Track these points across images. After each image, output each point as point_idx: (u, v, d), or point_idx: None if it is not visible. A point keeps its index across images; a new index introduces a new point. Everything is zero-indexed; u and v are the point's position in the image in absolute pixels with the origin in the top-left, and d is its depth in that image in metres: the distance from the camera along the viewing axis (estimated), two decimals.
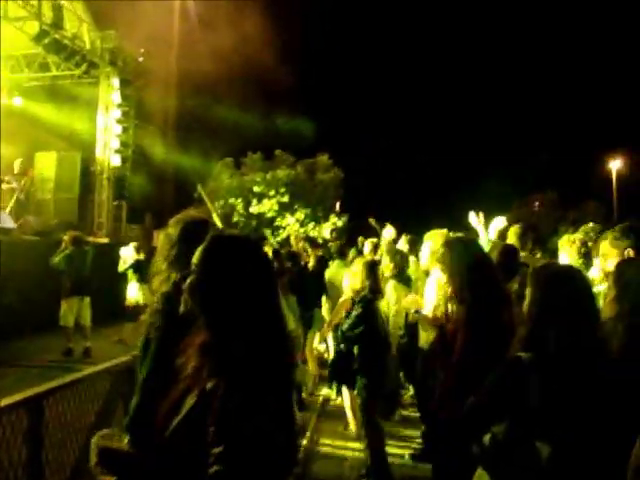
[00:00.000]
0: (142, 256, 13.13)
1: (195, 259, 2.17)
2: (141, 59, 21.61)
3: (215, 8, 25.36)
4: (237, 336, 2.04)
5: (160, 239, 2.96)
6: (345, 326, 6.18)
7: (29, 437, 3.55)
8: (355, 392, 6.11)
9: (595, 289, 3.48)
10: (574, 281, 2.79)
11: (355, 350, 5.99)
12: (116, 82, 20.40)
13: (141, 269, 12.76)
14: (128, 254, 13.42)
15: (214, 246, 2.19)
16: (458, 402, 3.18)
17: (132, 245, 13.60)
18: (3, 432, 3.37)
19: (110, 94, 20.38)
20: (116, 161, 20.70)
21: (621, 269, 2.89)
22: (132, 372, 4.32)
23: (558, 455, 2.51)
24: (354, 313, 6.05)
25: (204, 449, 1.90)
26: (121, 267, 13.30)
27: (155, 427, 2.11)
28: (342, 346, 6.31)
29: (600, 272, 4.27)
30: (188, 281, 2.15)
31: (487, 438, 2.77)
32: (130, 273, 13.15)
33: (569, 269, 3.05)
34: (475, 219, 6.89)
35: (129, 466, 2.07)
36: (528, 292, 2.81)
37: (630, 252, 3.64)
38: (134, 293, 12.96)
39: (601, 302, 3.21)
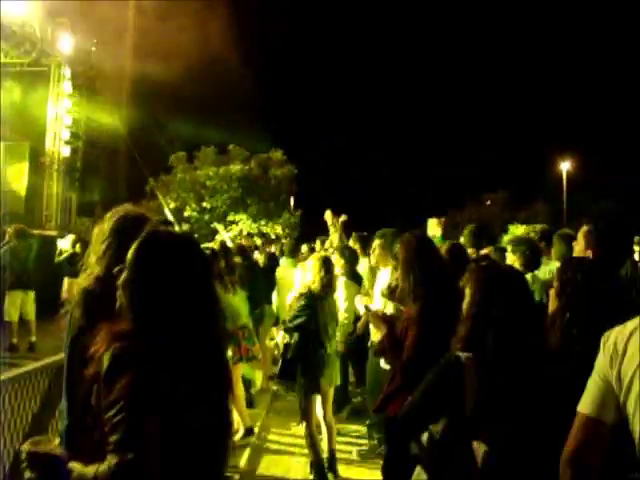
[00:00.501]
0: (78, 249, 12.92)
1: (129, 253, 2.14)
2: (93, 49, 21.24)
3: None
4: (161, 332, 2.01)
5: (93, 233, 2.87)
6: (287, 318, 6.23)
7: None
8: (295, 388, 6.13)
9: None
10: (512, 281, 2.85)
11: (293, 341, 6.02)
12: (67, 72, 19.99)
13: (76, 263, 12.58)
14: (65, 246, 13.24)
15: (148, 243, 2.16)
16: (404, 400, 3.20)
17: (69, 237, 13.40)
18: None
19: (61, 84, 19.95)
20: (66, 152, 20.30)
21: (564, 266, 2.95)
22: None
23: (494, 454, 2.55)
24: (297, 306, 6.06)
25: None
26: (57, 259, 13.14)
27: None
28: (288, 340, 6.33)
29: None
30: (122, 277, 2.11)
31: (425, 437, 2.79)
32: (65, 266, 12.97)
33: (507, 269, 3.10)
34: (432, 224, 7.00)
35: (55, 468, 2.03)
36: (467, 292, 2.85)
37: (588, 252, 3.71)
38: (67, 287, 12.80)
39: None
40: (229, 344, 5.69)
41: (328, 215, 8.42)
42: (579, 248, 3.86)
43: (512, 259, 6.11)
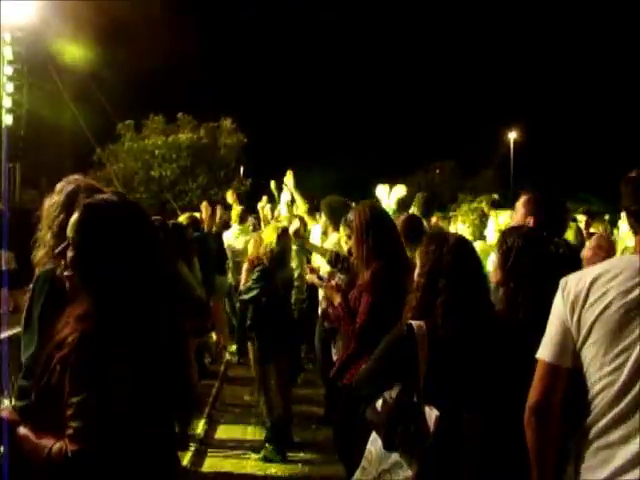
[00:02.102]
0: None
1: (69, 231, 2.06)
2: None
3: None
4: (118, 303, 1.99)
5: (45, 207, 2.76)
6: (241, 289, 6.24)
7: None
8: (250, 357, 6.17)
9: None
10: (461, 249, 2.92)
11: (249, 313, 6.04)
12: (7, 36, 19.32)
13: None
14: None
15: (87, 215, 2.07)
16: (358, 367, 3.26)
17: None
18: None
19: (1, 50, 19.29)
20: (9, 121, 19.71)
21: (504, 237, 3.00)
22: None
23: (445, 418, 2.63)
24: (252, 277, 6.06)
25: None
26: None
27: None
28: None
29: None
30: (69, 256, 2.05)
31: (379, 403, 2.85)
32: None
33: (457, 238, 3.15)
34: (382, 190, 7.00)
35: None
36: (418, 261, 2.90)
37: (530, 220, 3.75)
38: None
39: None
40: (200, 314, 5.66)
41: (289, 176, 8.23)
42: (518, 217, 3.89)
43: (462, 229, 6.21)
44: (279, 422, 5.98)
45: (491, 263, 3.30)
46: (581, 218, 9.18)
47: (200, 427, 6.51)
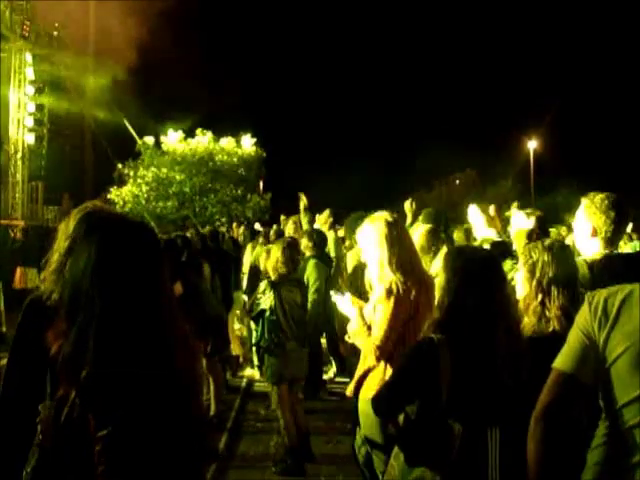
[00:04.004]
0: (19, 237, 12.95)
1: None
2: (56, 33, 20.85)
3: None
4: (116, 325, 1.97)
5: (59, 228, 2.77)
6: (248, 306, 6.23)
7: None
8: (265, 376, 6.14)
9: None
10: (488, 264, 2.87)
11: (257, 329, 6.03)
12: (29, 57, 19.62)
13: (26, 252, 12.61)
14: None
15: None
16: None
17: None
18: None
19: (23, 69, 19.58)
20: (30, 140, 19.97)
21: (529, 250, 2.97)
22: None
23: (469, 433, 2.59)
24: (258, 291, 6.06)
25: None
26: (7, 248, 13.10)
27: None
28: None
29: None
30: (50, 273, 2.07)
31: (401, 417, 2.82)
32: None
33: (480, 253, 3.11)
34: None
35: None
36: (441, 276, 2.87)
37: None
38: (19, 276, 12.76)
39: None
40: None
41: (303, 198, 8.35)
42: (580, 223, 3.75)
43: None
44: (297, 437, 5.96)
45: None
46: None
47: (222, 441, 6.51)
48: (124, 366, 1.91)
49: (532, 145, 45.30)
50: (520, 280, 3.09)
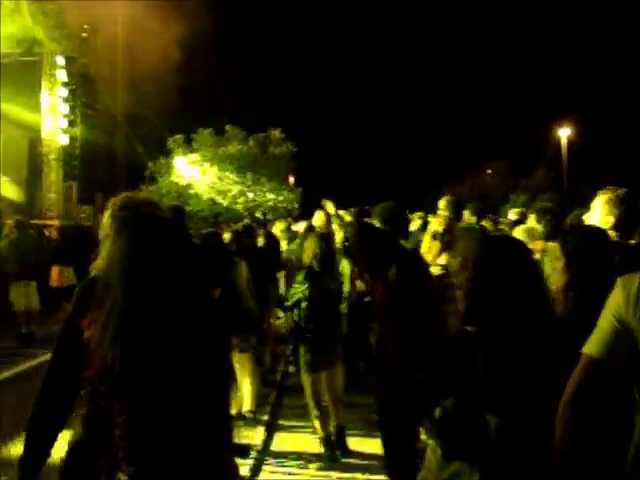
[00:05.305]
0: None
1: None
2: (85, 35, 21.07)
3: None
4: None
5: (101, 223, 2.83)
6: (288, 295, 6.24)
7: None
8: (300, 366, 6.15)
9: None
10: (517, 252, 2.82)
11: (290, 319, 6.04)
12: (60, 60, 19.87)
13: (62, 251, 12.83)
14: None
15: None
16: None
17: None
18: None
19: (55, 72, 19.84)
20: (64, 141, 20.25)
21: (566, 239, 2.92)
22: None
23: (507, 426, 2.56)
24: (296, 280, 6.07)
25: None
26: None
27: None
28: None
29: None
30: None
31: (438, 411, 2.80)
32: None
33: (511, 241, 3.07)
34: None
35: None
36: (470, 265, 2.82)
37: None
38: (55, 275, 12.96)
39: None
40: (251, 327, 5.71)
41: (329, 205, 8.32)
42: (597, 216, 3.76)
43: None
44: (333, 430, 5.97)
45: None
46: None
47: (258, 436, 6.55)
48: (146, 355, 1.94)
49: (564, 133, 44.52)
50: (555, 269, 3.05)
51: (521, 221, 7.23)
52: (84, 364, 2.03)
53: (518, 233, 5.62)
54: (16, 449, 3.99)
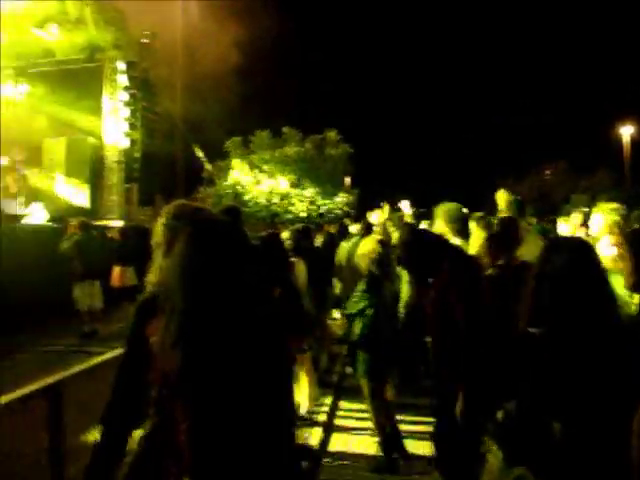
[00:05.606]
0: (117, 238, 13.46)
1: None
2: (145, 40, 21.49)
3: None
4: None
5: (155, 227, 2.88)
6: (348, 303, 6.15)
7: (49, 424, 3.60)
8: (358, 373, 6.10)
9: None
10: (579, 253, 2.76)
11: (356, 328, 5.95)
12: (121, 65, 20.33)
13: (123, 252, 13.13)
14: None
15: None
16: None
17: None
18: (24, 419, 3.42)
19: (116, 77, 20.31)
20: (125, 144, 20.71)
21: (634, 240, 2.86)
22: None
23: (571, 432, 2.51)
24: (358, 288, 6.01)
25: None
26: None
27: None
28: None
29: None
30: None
31: (500, 414, 2.77)
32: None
33: (577, 242, 3.01)
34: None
35: None
36: (536, 265, 2.77)
37: None
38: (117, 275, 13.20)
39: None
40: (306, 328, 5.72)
41: (386, 210, 8.33)
42: None
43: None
44: (390, 435, 5.95)
45: None
46: None
47: (316, 438, 6.58)
48: (207, 358, 1.97)
49: (627, 131, 43.27)
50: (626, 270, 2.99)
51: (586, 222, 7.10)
52: (150, 368, 2.07)
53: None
54: (85, 447, 4.09)
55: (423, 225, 9.00)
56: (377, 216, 9.21)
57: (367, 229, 9.42)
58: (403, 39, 58.53)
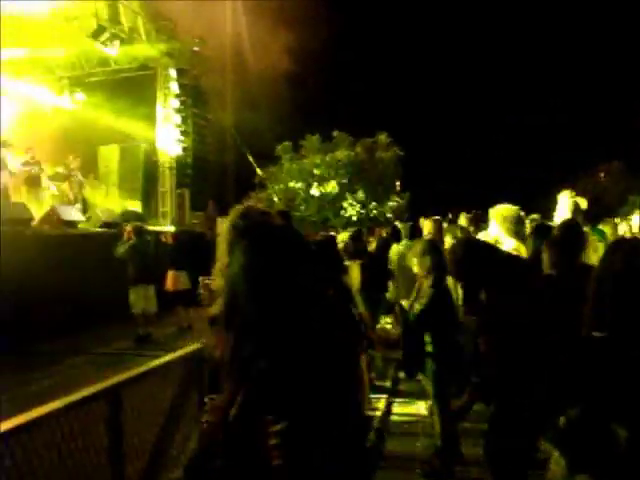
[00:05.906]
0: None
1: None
2: (196, 48, 21.77)
3: None
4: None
5: (219, 233, 2.90)
6: (415, 310, 6.03)
7: (109, 425, 3.66)
8: (427, 377, 6.02)
9: None
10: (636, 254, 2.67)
11: (427, 336, 5.86)
12: (173, 72, 20.64)
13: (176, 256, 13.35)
14: None
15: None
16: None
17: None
18: (84, 421, 3.48)
19: (167, 84, 20.63)
20: (177, 150, 21.01)
21: None
22: (203, 359, 4.44)
23: (635, 437, 2.43)
24: (426, 295, 5.90)
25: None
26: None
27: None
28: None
29: None
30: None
31: (562, 421, 2.70)
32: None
33: (636, 242, 2.93)
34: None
35: None
36: (598, 267, 2.70)
37: None
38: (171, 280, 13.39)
39: None
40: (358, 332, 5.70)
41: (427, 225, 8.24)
42: None
43: None
44: (449, 438, 5.88)
45: None
46: None
47: (369, 441, 6.55)
48: (289, 365, 1.97)
49: None
50: None
51: None
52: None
53: None
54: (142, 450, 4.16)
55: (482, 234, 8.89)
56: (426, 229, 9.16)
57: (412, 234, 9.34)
58: (454, 41, 58.08)
